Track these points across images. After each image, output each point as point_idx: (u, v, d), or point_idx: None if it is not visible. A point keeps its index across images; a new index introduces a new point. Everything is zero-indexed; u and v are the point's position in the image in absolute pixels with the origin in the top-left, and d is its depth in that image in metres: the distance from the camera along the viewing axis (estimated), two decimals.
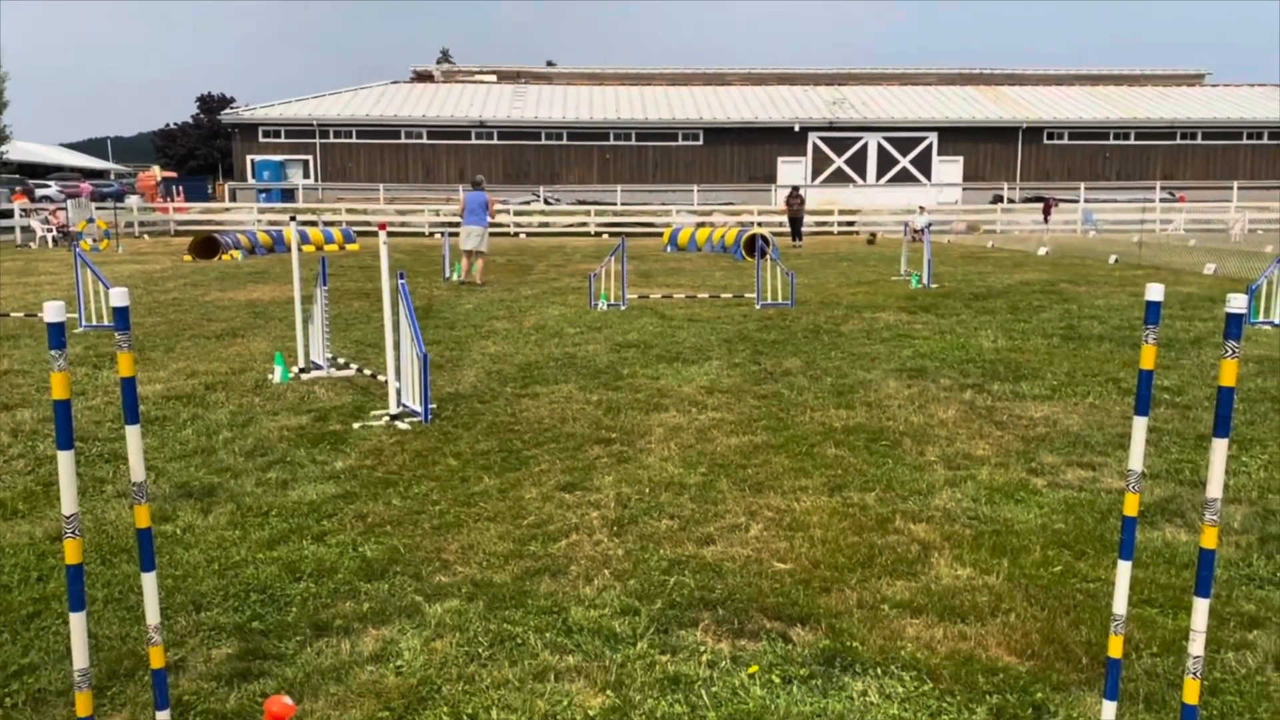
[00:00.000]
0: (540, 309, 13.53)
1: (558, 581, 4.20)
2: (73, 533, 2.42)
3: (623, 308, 13.61)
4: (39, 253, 26.48)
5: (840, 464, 5.88)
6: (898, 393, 7.83)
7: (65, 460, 2.39)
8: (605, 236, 35.05)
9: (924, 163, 45.80)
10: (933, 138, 45.59)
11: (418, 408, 7.05)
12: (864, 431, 6.63)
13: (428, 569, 4.34)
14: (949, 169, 45.82)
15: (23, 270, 20.27)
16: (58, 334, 2.29)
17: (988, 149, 45.73)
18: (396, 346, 7.33)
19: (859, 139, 45.48)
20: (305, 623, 3.80)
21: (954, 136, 45.54)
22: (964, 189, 45.03)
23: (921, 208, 31.28)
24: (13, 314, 12.82)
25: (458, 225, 19.14)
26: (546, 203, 41.31)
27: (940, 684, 3.34)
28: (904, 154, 45.65)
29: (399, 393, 7.24)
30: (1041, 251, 24.79)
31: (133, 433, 2.47)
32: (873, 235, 29.35)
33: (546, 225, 37.78)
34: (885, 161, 45.70)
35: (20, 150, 53.46)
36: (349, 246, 28.42)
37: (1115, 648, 2.68)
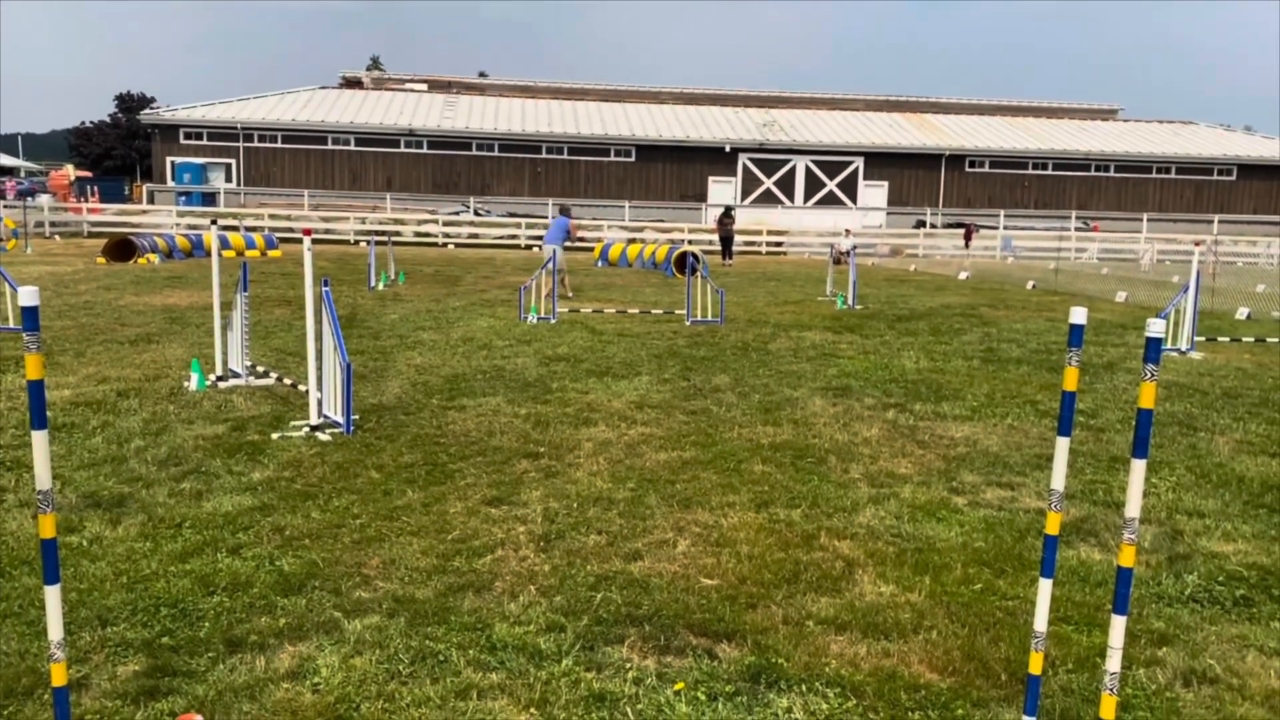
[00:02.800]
0: (468, 320, 13.39)
1: (482, 598, 4.13)
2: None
3: (553, 321, 13.54)
4: None
5: (767, 480, 5.91)
6: (823, 411, 7.92)
7: None
8: (535, 250, 34.92)
9: (850, 186, 46.67)
10: (859, 162, 46.49)
11: (339, 419, 6.89)
12: (790, 448, 6.68)
13: (348, 584, 4.23)
14: (874, 193, 46.76)
15: None
16: None
17: (912, 174, 46.80)
18: (319, 355, 7.17)
19: (788, 161, 46.14)
20: (218, 638, 3.67)
21: (880, 161, 46.51)
22: (888, 213, 45.98)
23: (847, 230, 31.83)
24: None
25: (383, 234, 18.84)
26: (477, 214, 41.00)
27: (864, 700, 3.36)
28: (831, 177, 46.46)
29: (320, 403, 7.07)
30: (962, 276, 25.42)
31: (39, 438, 2.35)
32: (842, 255, 26.38)
33: (476, 236, 37.49)
34: (813, 184, 46.44)
35: None
36: (271, 253, 27.79)
37: (1036, 664, 2.73)
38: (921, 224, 44.13)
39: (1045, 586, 2.67)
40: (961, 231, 38.99)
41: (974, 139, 48.07)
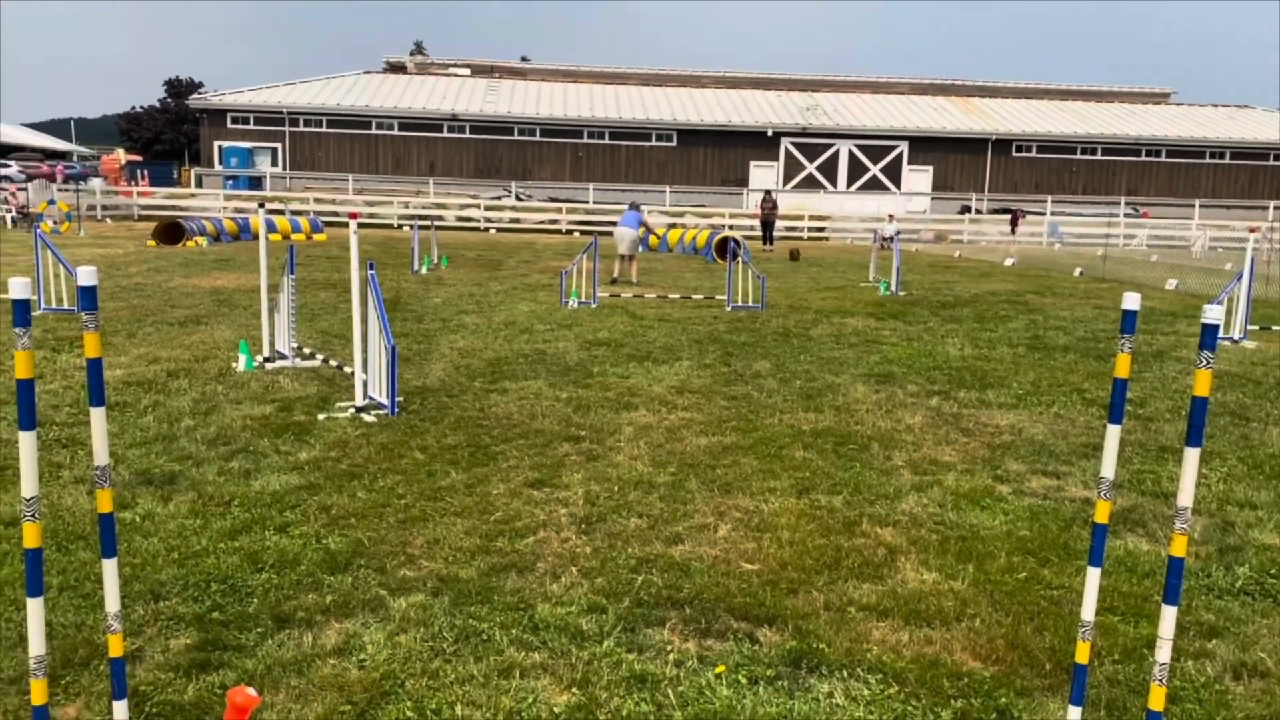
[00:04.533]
0: (510, 305, 13.46)
1: (524, 578, 4.16)
2: (32, 516, 2.35)
3: (593, 306, 13.57)
4: None
5: (808, 466, 5.89)
6: (866, 397, 7.87)
7: (26, 441, 2.32)
8: (576, 234, 34.98)
9: (894, 171, 46.16)
10: (903, 147, 45.96)
11: (384, 400, 6.97)
12: (832, 435, 6.65)
13: (392, 563, 4.28)
14: (918, 178, 46.22)
15: None
16: (22, 311, 2.22)
17: (957, 159, 46.18)
18: (364, 338, 7.25)
19: (831, 145, 45.74)
20: (266, 614, 3.74)
21: (924, 146, 45.94)
22: (932, 198, 45.44)
23: (890, 216, 31.51)
24: None
25: (426, 219, 19.01)
26: (518, 198, 41.14)
27: (906, 687, 3.34)
28: (875, 162, 45.98)
29: (365, 385, 7.16)
30: (1008, 262, 25.07)
31: (97, 415, 2.41)
32: (795, 252, 27.23)
33: (517, 221, 37.64)
34: (856, 169, 46.00)
35: None
36: (316, 236, 28.12)
37: (1082, 654, 2.70)
38: (966, 209, 43.57)
39: (1093, 575, 2.64)
40: (1008, 217, 38.43)
41: (1021, 123, 47.30)
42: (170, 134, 73.90)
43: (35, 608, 2.40)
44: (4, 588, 3.90)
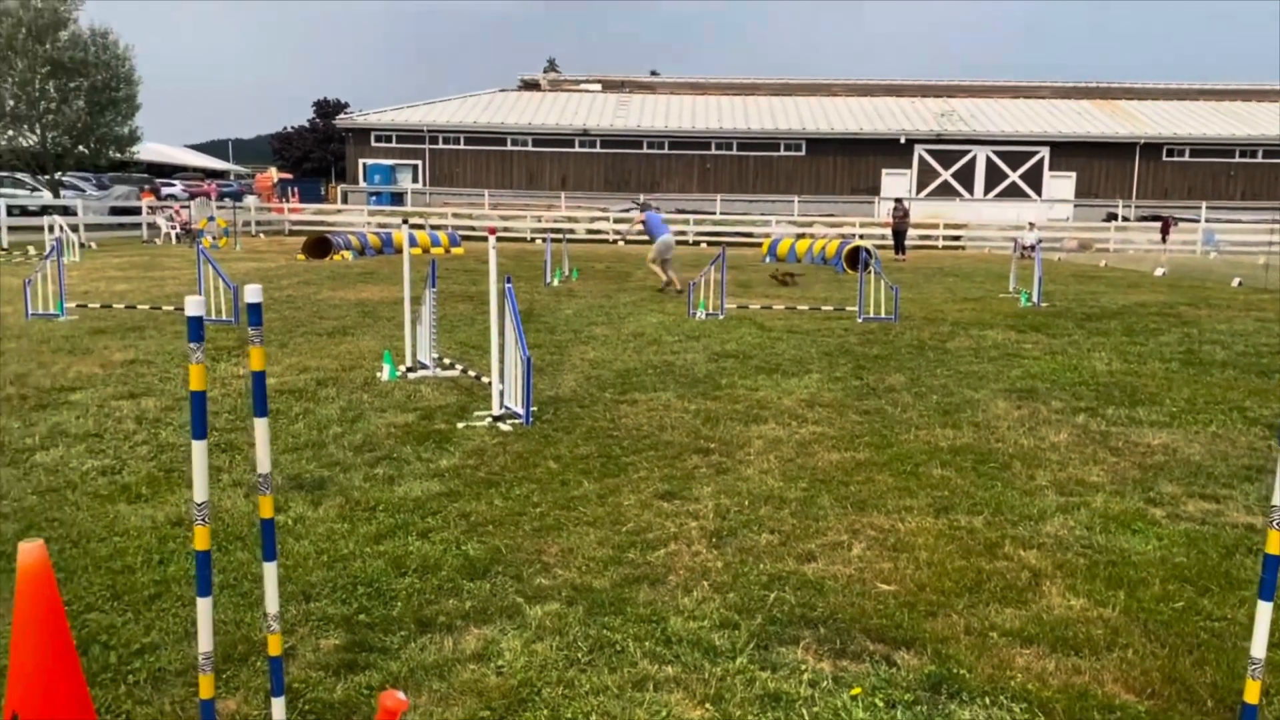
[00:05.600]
0: (638, 316, 13.58)
1: (656, 590, 4.19)
2: (202, 520, 2.51)
3: (721, 317, 13.56)
4: (163, 248, 27.75)
5: (946, 485, 5.73)
6: (1007, 414, 7.60)
7: (199, 449, 2.48)
8: (704, 245, 35.02)
9: (1034, 178, 44.51)
10: (1044, 152, 44.28)
11: (519, 410, 7.13)
12: (971, 452, 6.45)
13: (528, 570, 4.37)
14: (1061, 185, 44.42)
15: (148, 265, 21.27)
16: (197, 327, 2.38)
17: (1102, 165, 44.19)
18: (501, 349, 7.44)
19: (967, 152, 44.45)
20: (410, 618, 3.87)
21: (1067, 151, 44.14)
22: (1076, 206, 43.60)
23: (1031, 224, 30.41)
24: (139, 306, 13.45)
25: (558, 232, 19.44)
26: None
27: (1052, 718, 3.21)
28: (1014, 168, 44.44)
29: (501, 394, 7.34)
30: (1158, 272, 23.81)
31: (261, 425, 2.55)
32: (789, 275, 20.04)
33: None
34: (994, 175, 44.56)
35: (148, 150, 56.08)
36: (454, 250, 29.02)
37: (1252, 693, 2.54)
38: (1113, 217, 41.63)
39: (1264, 610, 2.48)
40: (1158, 225, 36.51)
41: (1172, 125, 44.93)
42: (319, 152, 77.56)
43: (204, 607, 2.56)
44: (171, 584, 4.16)
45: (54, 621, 2.44)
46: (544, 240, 21.94)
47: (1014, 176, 44.50)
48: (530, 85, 52.74)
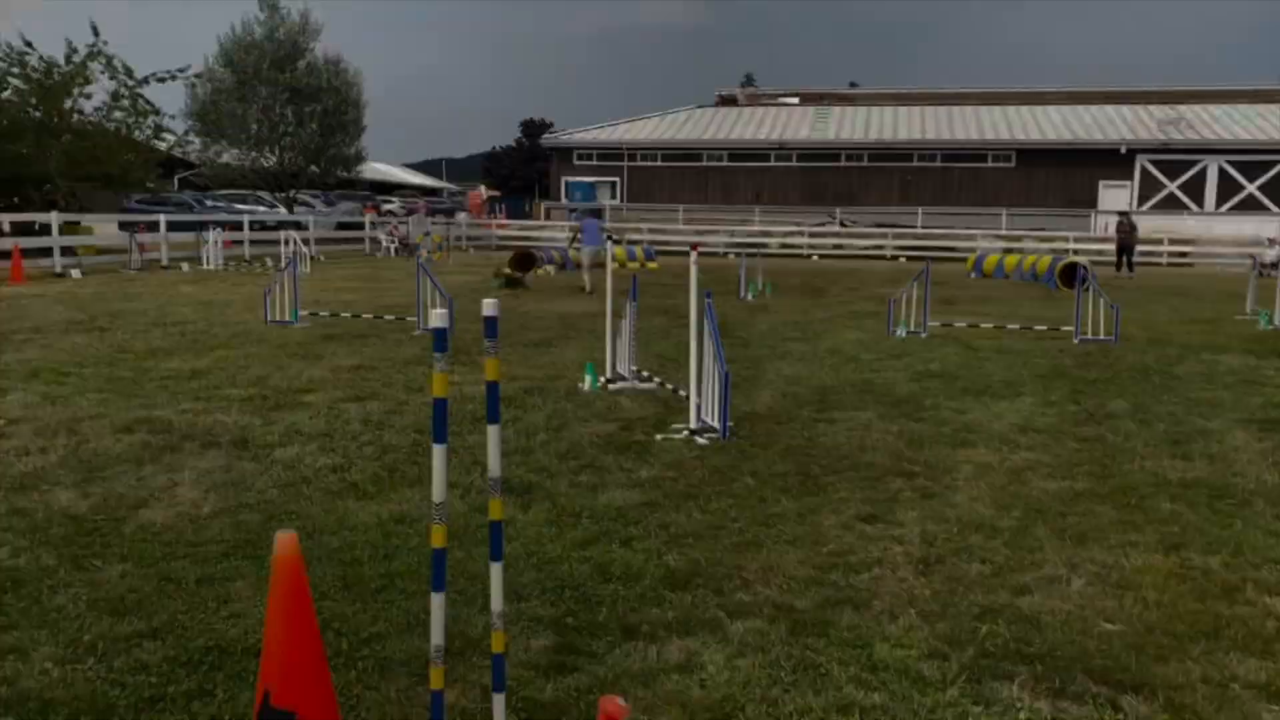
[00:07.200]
0: (835, 333, 13.36)
1: (860, 615, 4.10)
2: (440, 519, 2.67)
3: (923, 335, 13.14)
4: (383, 261, 29.68)
5: (1177, 520, 5.32)
6: (1247, 445, 6.98)
7: (439, 453, 2.64)
8: (902, 260, 34.08)
9: (1276, 189, 40.70)
10: None
11: (716, 424, 7.17)
12: (1205, 486, 5.96)
13: (729, 585, 4.38)
14: None
15: (369, 276, 22.80)
16: (441, 339, 2.53)
17: None
18: (699, 363, 7.50)
19: (1197, 161, 41.18)
20: (614, 624, 3.96)
21: None
22: None
23: (1271, 239, 27.83)
24: (363, 315, 14.44)
25: (753, 246, 19.44)
26: (842, 224, 40.81)
27: None
28: (1251, 179, 40.79)
29: (699, 408, 7.40)
30: None
31: (493, 431, 2.69)
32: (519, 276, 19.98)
33: (840, 247, 37.35)
34: (1228, 187, 41.05)
35: (371, 169, 60.17)
36: (649, 265, 29.51)
37: None
38: None
39: None
40: None
41: None
42: (525, 170, 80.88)
43: (438, 602, 2.71)
44: (395, 578, 4.43)
45: (304, 607, 2.65)
46: (738, 255, 21.96)
47: (1251, 188, 40.84)
48: (727, 100, 52.99)
